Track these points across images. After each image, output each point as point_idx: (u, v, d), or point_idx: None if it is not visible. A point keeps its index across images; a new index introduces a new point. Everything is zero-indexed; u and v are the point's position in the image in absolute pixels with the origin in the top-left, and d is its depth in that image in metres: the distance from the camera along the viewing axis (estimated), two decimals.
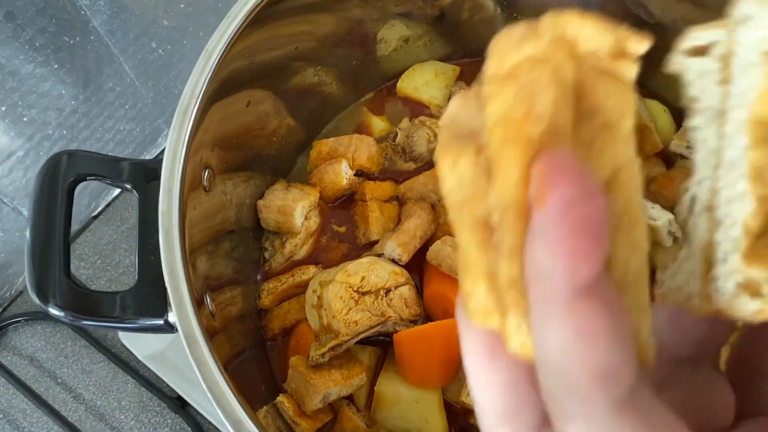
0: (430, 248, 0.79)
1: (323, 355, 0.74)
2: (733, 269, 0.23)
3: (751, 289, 0.23)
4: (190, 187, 0.60)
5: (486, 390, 0.26)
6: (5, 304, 1.12)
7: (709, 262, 0.25)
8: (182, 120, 0.60)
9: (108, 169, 0.62)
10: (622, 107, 0.23)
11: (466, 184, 0.25)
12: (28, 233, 0.57)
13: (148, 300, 0.58)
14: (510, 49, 0.23)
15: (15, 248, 1.08)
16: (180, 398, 1.03)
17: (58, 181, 0.58)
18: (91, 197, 1.17)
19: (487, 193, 0.24)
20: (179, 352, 1.05)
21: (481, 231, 0.24)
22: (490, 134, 0.23)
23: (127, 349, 1.05)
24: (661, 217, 0.76)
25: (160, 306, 0.58)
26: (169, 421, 1.05)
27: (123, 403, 1.06)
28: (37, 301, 0.55)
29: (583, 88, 0.23)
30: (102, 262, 1.15)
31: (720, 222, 0.24)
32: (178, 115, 0.60)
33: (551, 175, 0.21)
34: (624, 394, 0.22)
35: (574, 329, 0.21)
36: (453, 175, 0.25)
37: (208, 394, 0.55)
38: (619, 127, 0.23)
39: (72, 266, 1.15)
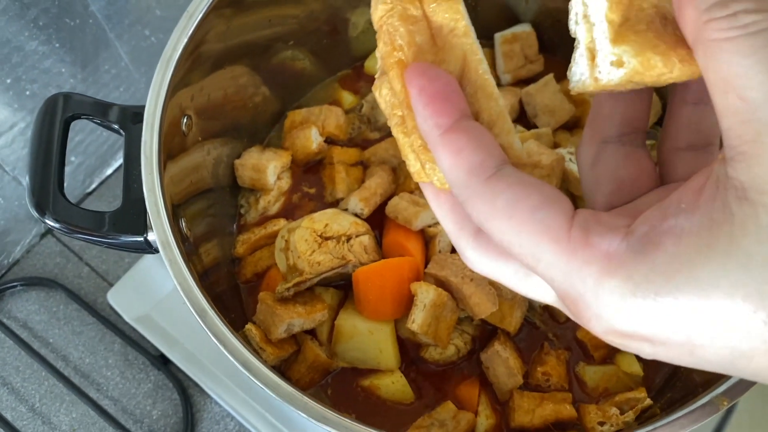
0: (389, 202, 0.88)
1: (288, 289, 0.82)
2: (606, 53, 0.33)
3: (618, 63, 0.33)
4: (169, 125, 0.70)
5: (442, 218, 0.39)
6: (3, 271, 1.21)
7: (592, 54, 0.35)
8: (165, 68, 0.70)
9: (99, 110, 0.71)
10: (454, 14, 0.36)
11: (388, 99, 0.38)
12: (28, 158, 0.66)
13: (130, 220, 0.67)
14: (375, 12, 0.37)
15: (14, 216, 1.16)
16: (163, 356, 1.11)
17: (56, 116, 0.68)
18: (85, 174, 1.26)
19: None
20: (164, 313, 1.14)
21: (402, 125, 0.37)
22: (383, 65, 0.37)
23: (116, 312, 1.14)
24: None
25: (141, 225, 0.67)
26: (152, 377, 1.13)
27: (110, 361, 1.14)
28: (35, 214, 0.64)
29: (427, 15, 0.36)
30: None
31: (593, 23, 0.34)
32: (162, 63, 0.70)
33: (409, 78, 0.35)
34: (490, 173, 0.34)
35: (448, 150, 0.34)
36: (381, 97, 0.39)
37: (188, 304, 0.62)
38: (457, 27, 0.36)
39: (66, 237, 1.24)
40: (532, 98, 0.96)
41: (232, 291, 0.89)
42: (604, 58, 0.33)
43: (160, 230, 0.63)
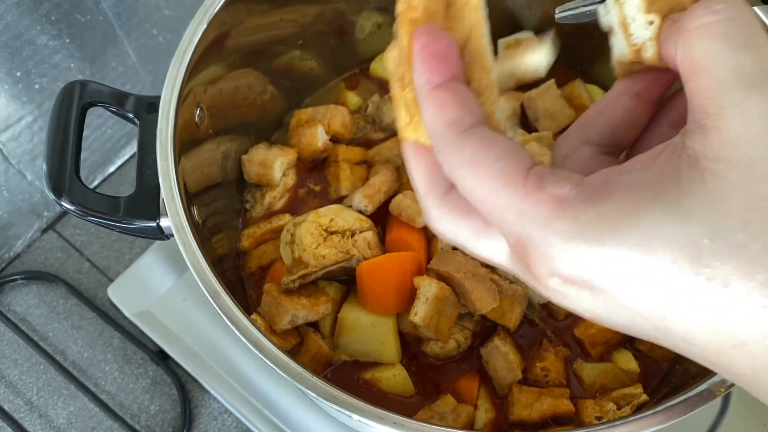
0: (393, 200, 0.90)
1: (294, 281, 0.84)
2: (639, 21, 0.38)
3: (649, 23, 0.37)
4: (184, 114, 0.71)
5: (416, 176, 0.40)
6: (4, 264, 1.22)
7: (625, 27, 0.39)
8: (181, 58, 0.71)
9: (115, 99, 0.73)
10: None
11: (395, 57, 0.40)
12: (45, 142, 0.68)
13: (143, 205, 0.69)
14: None
15: (17, 210, 1.17)
16: (162, 351, 1.12)
17: (74, 102, 0.69)
18: (89, 171, 1.28)
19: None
20: (164, 309, 1.15)
21: (400, 81, 0.40)
22: (397, 21, 0.39)
23: (115, 307, 1.15)
24: None
25: (153, 211, 0.69)
26: (150, 372, 1.14)
27: (108, 356, 1.15)
28: (52, 196, 0.66)
29: None
30: (96, 229, 1.25)
31: (623, 3, 0.38)
32: (178, 54, 0.71)
33: (416, 34, 0.37)
34: (465, 128, 0.36)
35: (433, 104, 0.37)
36: (390, 57, 0.41)
37: (201, 286, 0.63)
38: (471, 2, 0.39)
39: (67, 232, 1.25)
40: (534, 102, 0.98)
41: (237, 284, 0.90)
42: (636, 26, 0.38)
43: (174, 214, 0.64)
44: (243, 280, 0.92)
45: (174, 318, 1.14)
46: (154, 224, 0.68)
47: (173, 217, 0.64)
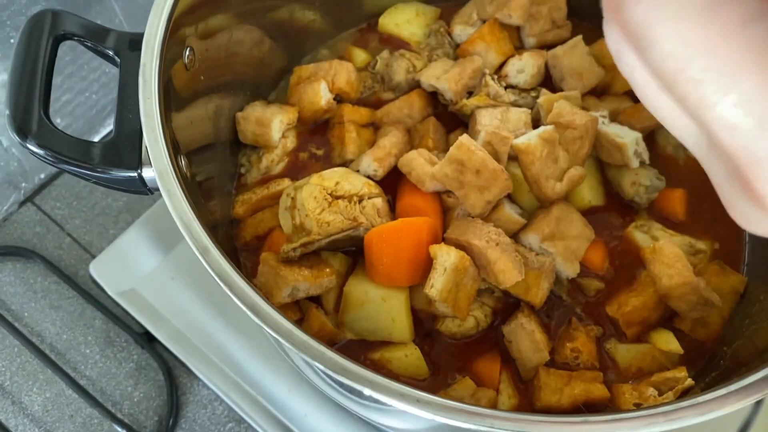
0: (405, 155, 0.80)
1: (294, 249, 0.75)
2: None
3: None
4: (171, 51, 0.62)
5: None
6: None
7: None
8: None
9: (92, 33, 0.64)
10: None
11: None
12: (9, 76, 0.58)
13: (123, 152, 0.60)
14: None
15: None
16: (147, 333, 1.03)
17: (44, 33, 0.60)
18: None
19: None
20: (151, 288, 1.05)
21: None
22: None
23: (98, 286, 1.05)
24: (629, 136, 0.79)
25: (135, 160, 0.60)
26: (135, 356, 1.04)
27: (89, 338, 1.06)
28: (16, 138, 0.56)
29: None
30: (78, 203, 1.16)
31: None
32: None
33: None
34: None
35: None
36: None
37: (188, 241, 0.54)
38: None
39: (47, 206, 1.16)
40: (559, 61, 0.89)
41: (229, 255, 0.81)
42: None
43: (158, 158, 0.55)
44: (237, 252, 0.82)
45: (161, 297, 1.05)
46: (135, 174, 0.59)
47: (157, 162, 0.55)
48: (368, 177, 0.83)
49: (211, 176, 0.80)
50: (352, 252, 0.81)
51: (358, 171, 0.83)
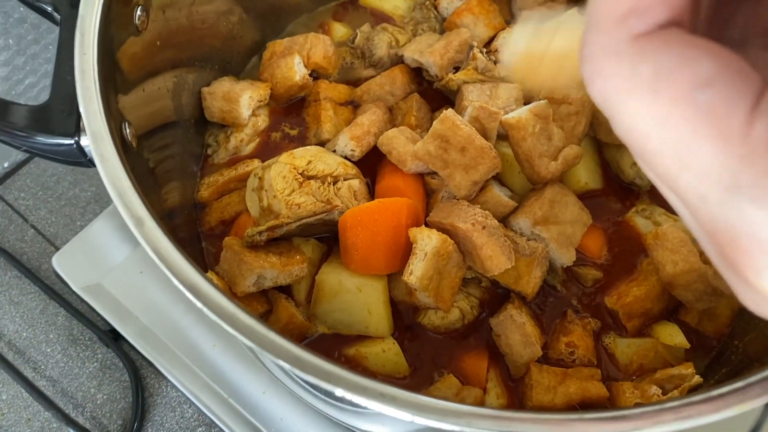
0: (385, 133, 0.74)
1: (261, 233, 0.68)
2: None
3: None
4: (118, 9, 0.55)
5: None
6: None
7: None
8: None
9: None
10: None
11: None
12: None
13: (59, 118, 0.53)
14: None
15: None
16: (113, 331, 0.95)
17: None
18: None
19: None
20: (118, 282, 0.98)
21: None
22: None
23: (62, 280, 0.98)
24: None
25: (71, 125, 0.53)
26: (99, 355, 0.97)
27: (51, 336, 0.98)
28: None
29: None
30: (44, 193, 1.09)
31: None
32: None
33: None
34: (647, 28, 0.23)
35: None
36: None
37: (121, 212, 0.47)
38: None
39: (10, 196, 1.09)
40: None
41: (191, 242, 0.74)
42: None
43: (92, 119, 0.48)
44: (200, 237, 0.75)
45: (129, 293, 0.97)
46: (72, 142, 0.52)
47: (90, 123, 0.48)
48: (345, 158, 0.76)
49: (172, 156, 0.73)
50: (326, 239, 0.74)
51: (334, 151, 0.76)
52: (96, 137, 0.47)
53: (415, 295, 0.68)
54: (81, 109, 0.48)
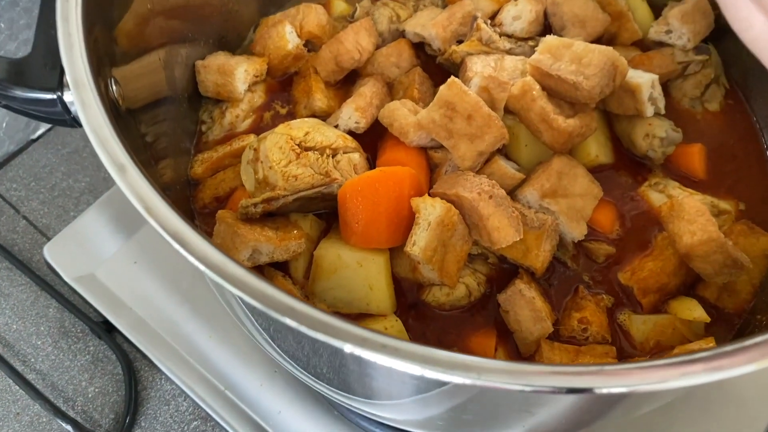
0: (387, 105, 0.71)
1: (256, 205, 0.64)
2: None
3: None
4: None
5: None
6: None
7: None
8: None
9: None
10: None
11: None
12: None
13: (40, 72, 0.50)
14: None
15: None
16: (106, 322, 0.92)
17: None
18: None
19: None
20: (111, 273, 0.95)
21: None
22: None
23: (53, 271, 0.95)
24: (643, 77, 0.69)
25: (53, 79, 0.50)
26: (91, 348, 0.94)
27: (41, 329, 0.95)
28: None
29: None
30: (36, 184, 1.06)
31: None
32: None
33: None
34: None
35: None
36: None
37: (102, 158, 0.44)
38: None
39: (2, 187, 1.06)
40: (560, 8, 0.80)
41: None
42: None
43: (74, 66, 0.45)
44: (193, 215, 0.72)
45: (122, 283, 0.94)
46: (55, 97, 0.49)
47: (72, 71, 0.45)
48: (349, 132, 0.73)
49: (166, 133, 0.70)
50: (325, 216, 0.71)
51: (336, 126, 0.73)
52: (77, 84, 0.44)
53: (419, 270, 0.64)
54: (62, 56, 0.45)
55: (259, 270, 0.66)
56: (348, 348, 0.35)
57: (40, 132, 1.11)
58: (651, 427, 0.78)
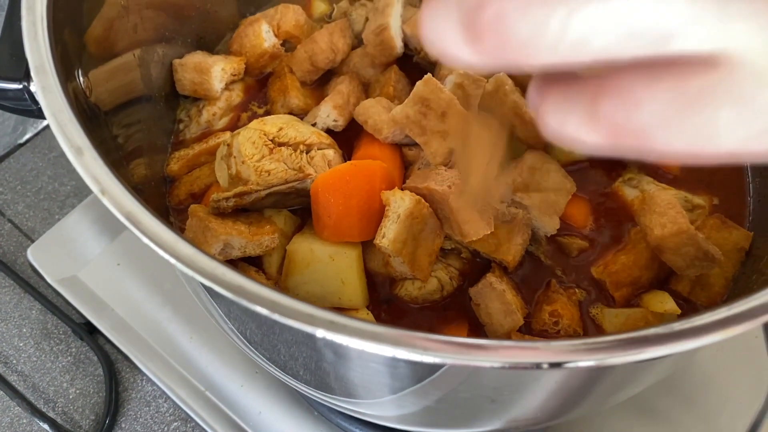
0: (362, 103, 0.71)
1: (227, 199, 0.65)
2: None
3: None
4: None
5: None
6: None
7: None
8: None
9: None
10: None
11: None
12: None
13: (7, 61, 0.50)
14: None
15: None
16: (88, 324, 0.92)
17: None
18: (17, 121, 1.09)
19: None
20: (94, 275, 0.95)
21: None
22: None
23: (37, 273, 0.95)
24: None
25: (21, 70, 0.50)
26: (73, 349, 0.94)
27: (23, 330, 0.95)
28: None
29: None
30: (22, 188, 1.07)
31: None
32: None
33: None
34: None
35: None
36: None
37: (61, 143, 0.44)
38: None
39: None
40: None
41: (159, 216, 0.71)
42: None
43: (35, 53, 0.45)
44: (168, 212, 0.72)
45: (105, 285, 0.95)
46: (20, 87, 0.50)
47: (33, 55, 0.45)
48: (327, 130, 0.73)
49: (141, 131, 0.71)
50: (300, 212, 0.71)
51: (314, 124, 0.73)
52: (39, 70, 0.45)
53: (391, 264, 0.64)
54: (25, 43, 0.46)
55: (233, 265, 0.66)
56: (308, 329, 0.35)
57: (27, 136, 1.11)
58: (634, 427, 0.78)
